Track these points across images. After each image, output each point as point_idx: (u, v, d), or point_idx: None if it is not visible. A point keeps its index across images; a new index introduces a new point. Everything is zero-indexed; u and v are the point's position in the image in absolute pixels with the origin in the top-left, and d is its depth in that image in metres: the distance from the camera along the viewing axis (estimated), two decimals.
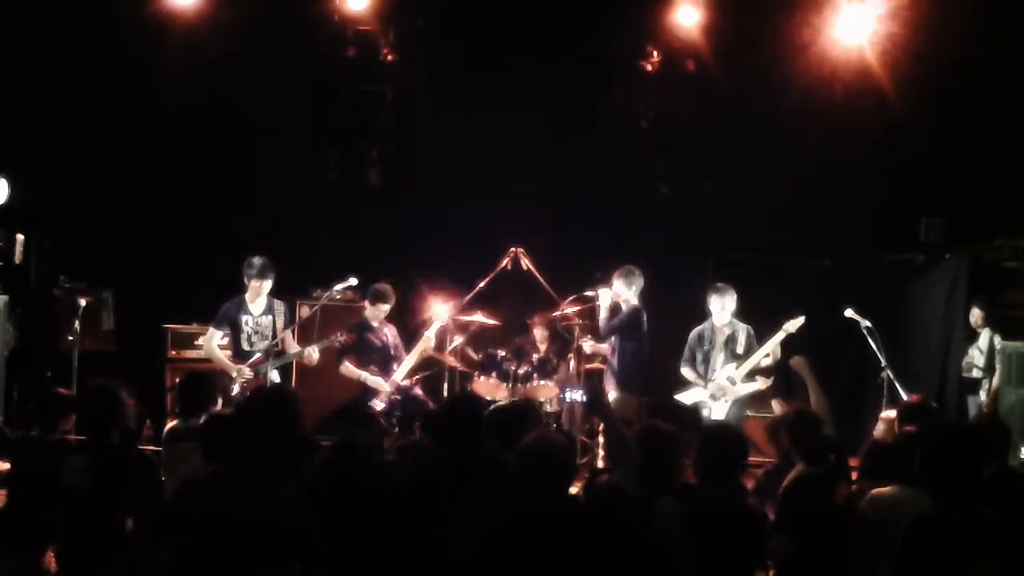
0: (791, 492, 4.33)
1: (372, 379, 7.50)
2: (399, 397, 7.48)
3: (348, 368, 7.57)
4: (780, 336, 7.31)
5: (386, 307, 7.64)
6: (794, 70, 8.83)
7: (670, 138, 9.65)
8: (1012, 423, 6.57)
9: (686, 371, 7.50)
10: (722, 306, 7.40)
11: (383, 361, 7.62)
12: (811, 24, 8.81)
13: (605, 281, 7.64)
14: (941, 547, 3.31)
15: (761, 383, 7.47)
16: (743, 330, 7.44)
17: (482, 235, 8.79)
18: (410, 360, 7.58)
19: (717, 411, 7.25)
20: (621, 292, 7.51)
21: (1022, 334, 8.31)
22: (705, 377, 7.37)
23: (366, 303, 7.75)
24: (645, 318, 7.52)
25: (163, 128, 9.00)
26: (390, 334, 7.74)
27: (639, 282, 7.54)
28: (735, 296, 7.44)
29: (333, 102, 9.38)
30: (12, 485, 4.57)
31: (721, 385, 7.25)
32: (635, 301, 7.53)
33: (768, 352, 7.32)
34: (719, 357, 7.37)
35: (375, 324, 7.67)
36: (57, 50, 8.49)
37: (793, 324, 7.30)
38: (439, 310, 7.83)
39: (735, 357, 7.34)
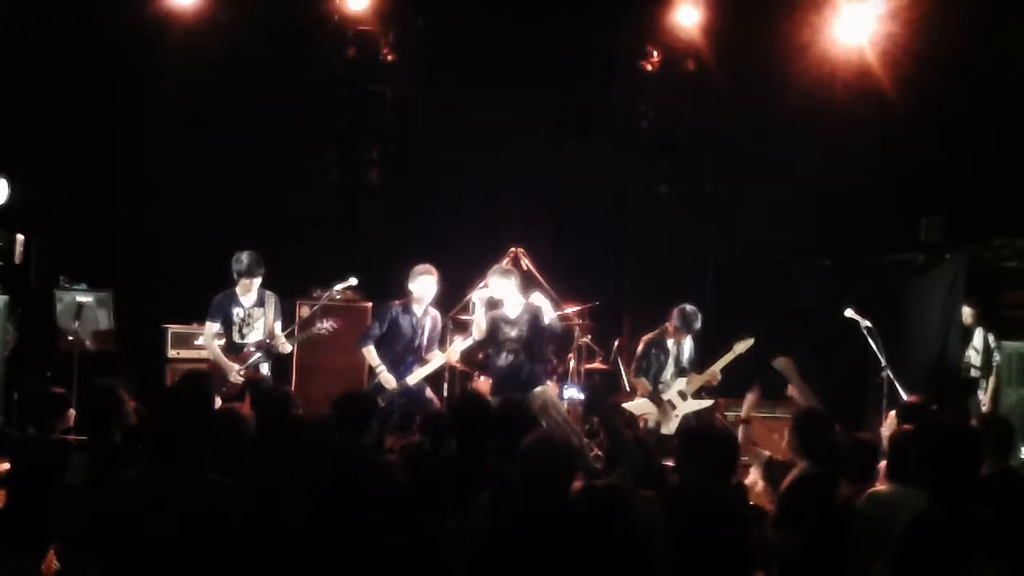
0: (793, 490, 4.33)
1: (385, 375, 7.08)
2: (403, 400, 7.05)
3: (369, 352, 7.18)
4: (729, 357, 7.26)
5: (423, 290, 7.10)
6: (794, 70, 8.84)
7: (670, 138, 9.65)
8: (1012, 423, 6.57)
9: (639, 383, 7.35)
10: (691, 331, 7.31)
11: (405, 353, 7.17)
12: (811, 24, 8.82)
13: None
14: (938, 547, 3.31)
15: (709, 401, 7.46)
16: (688, 343, 7.44)
17: (482, 235, 8.79)
18: (430, 367, 7.21)
19: (667, 424, 7.22)
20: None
21: (1022, 334, 8.31)
22: (655, 389, 7.34)
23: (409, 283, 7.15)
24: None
25: (163, 128, 9.00)
26: (428, 325, 7.19)
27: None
28: (700, 324, 7.36)
29: (333, 102, 9.39)
30: (12, 485, 4.57)
31: (671, 399, 7.24)
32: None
33: (711, 376, 7.27)
34: (670, 370, 7.36)
35: (415, 308, 7.16)
36: (57, 50, 8.49)
37: (743, 345, 7.25)
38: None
39: (681, 371, 7.35)
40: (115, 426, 4.42)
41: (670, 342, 7.37)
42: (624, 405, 7.29)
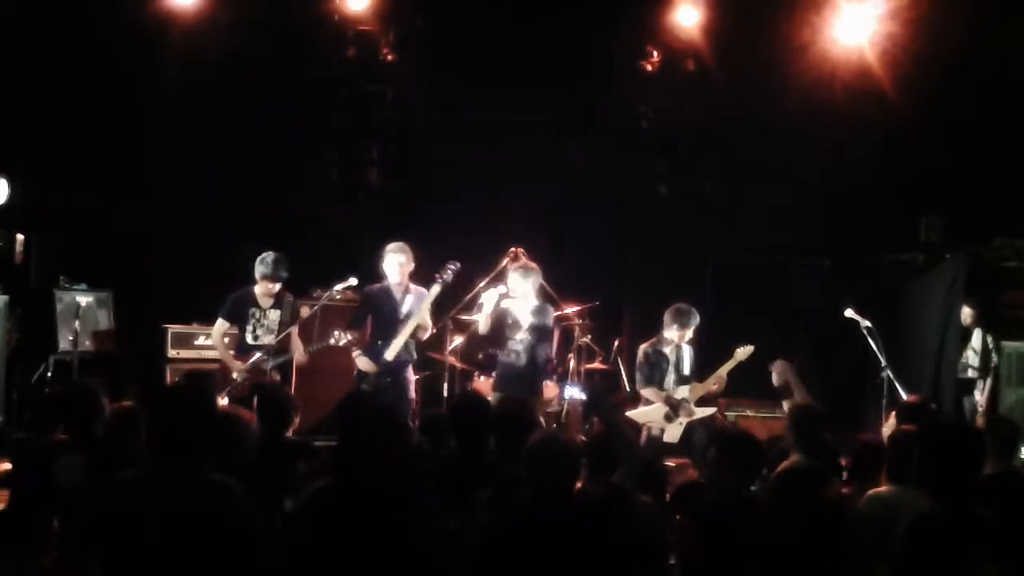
0: (782, 480, 4.36)
1: (361, 359, 6.94)
2: (389, 381, 6.87)
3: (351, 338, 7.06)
4: (731, 364, 7.21)
5: (391, 268, 6.98)
6: (794, 70, 8.84)
7: (670, 138, 9.65)
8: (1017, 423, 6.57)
9: (649, 391, 7.25)
10: (687, 328, 7.25)
11: (388, 333, 6.97)
12: (811, 24, 8.82)
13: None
14: (939, 548, 3.31)
15: (712, 409, 7.44)
16: (688, 351, 7.37)
17: (482, 235, 8.79)
18: (403, 336, 6.88)
19: (670, 432, 7.19)
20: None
21: (1022, 334, 8.32)
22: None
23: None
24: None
25: (163, 128, 9.00)
26: (411, 302, 6.99)
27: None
28: (698, 320, 7.31)
29: (333, 102, 9.39)
30: (12, 485, 4.58)
31: (676, 406, 7.22)
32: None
33: (717, 380, 7.24)
34: (671, 377, 7.31)
35: (393, 288, 7.02)
36: (57, 50, 8.49)
37: (743, 352, 7.19)
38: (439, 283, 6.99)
39: (682, 379, 7.29)
40: (97, 423, 4.48)
41: (667, 349, 7.32)
42: (629, 414, 7.24)
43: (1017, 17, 8.14)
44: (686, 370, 7.35)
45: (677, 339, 7.28)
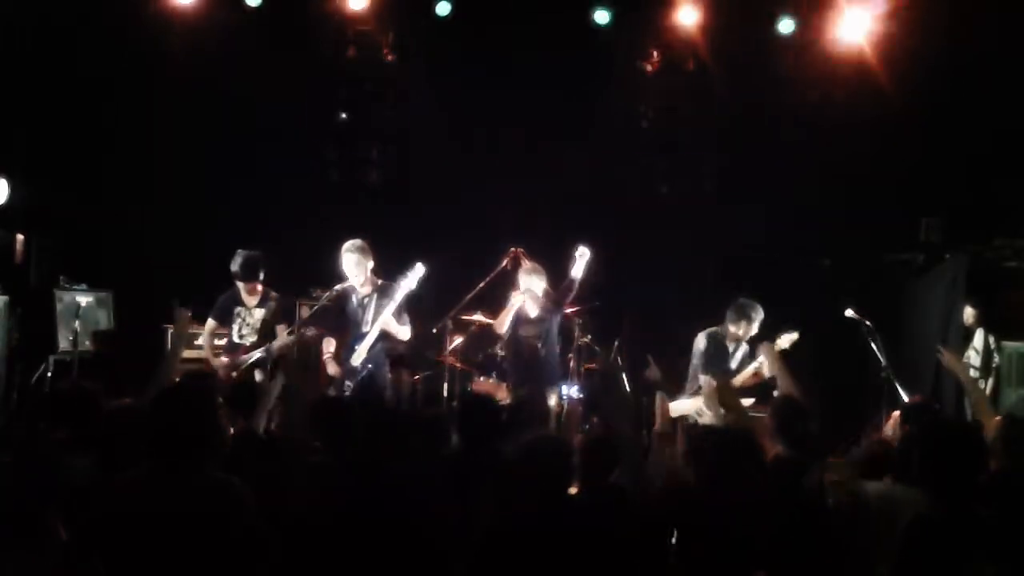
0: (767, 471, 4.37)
1: (329, 362, 6.95)
2: (350, 383, 6.81)
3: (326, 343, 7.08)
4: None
5: (346, 268, 6.91)
6: (794, 69, 8.84)
7: (670, 138, 9.65)
8: None
9: (705, 380, 7.00)
10: (744, 315, 7.14)
11: (352, 332, 6.93)
12: (811, 24, 8.82)
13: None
14: (938, 547, 3.31)
15: (750, 399, 7.33)
16: (743, 347, 7.27)
17: (482, 235, 8.79)
18: (368, 340, 6.82)
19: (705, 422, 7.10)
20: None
21: (1022, 334, 8.32)
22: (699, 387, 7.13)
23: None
24: None
25: (163, 128, 9.00)
26: (375, 305, 6.91)
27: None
28: (762, 315, 7.16)
29: (333, 102, 9.39)
30: (13, 485, 4.58)
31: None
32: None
33: (756, 369, 7.05)
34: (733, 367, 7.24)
35: (358, 289, 6.97)
36: (57, 49, 8.49)
37: (786, 339, 6.98)
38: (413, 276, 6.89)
39: (724, 371, 7.15)
40: (97, 422, 4.48)
41: (731, 345, 7.23)
42: (672, 405, 7.00)
43: (1017, 17, 8.14)
44: (734, 364, 7.19)
45: (742, 334, 7.17)
